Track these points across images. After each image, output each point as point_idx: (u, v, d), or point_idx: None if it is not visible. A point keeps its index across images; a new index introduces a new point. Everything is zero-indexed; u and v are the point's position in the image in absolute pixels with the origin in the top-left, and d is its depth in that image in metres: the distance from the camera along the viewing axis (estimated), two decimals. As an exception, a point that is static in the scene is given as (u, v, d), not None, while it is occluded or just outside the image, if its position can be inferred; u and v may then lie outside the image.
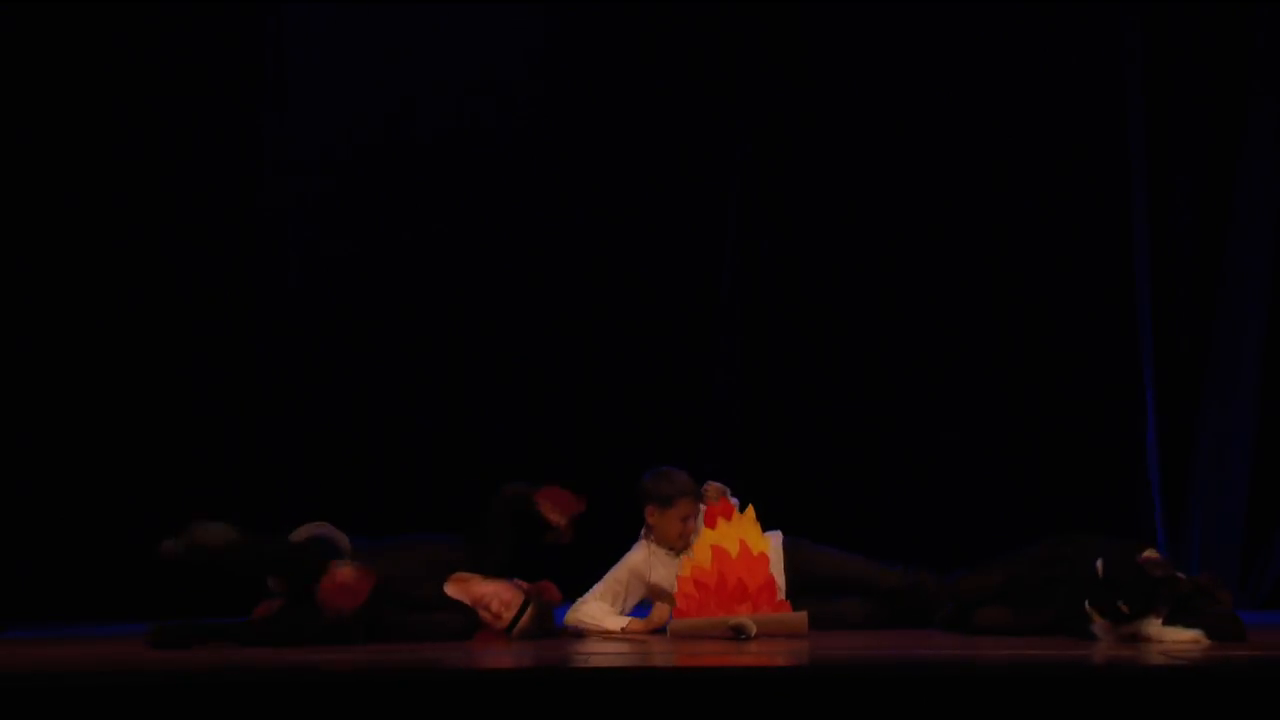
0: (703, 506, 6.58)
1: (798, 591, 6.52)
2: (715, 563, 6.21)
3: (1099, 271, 8.64)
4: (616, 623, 6.46)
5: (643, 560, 6.64)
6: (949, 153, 8.82)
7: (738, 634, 5.97)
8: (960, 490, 8.68)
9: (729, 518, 6.34)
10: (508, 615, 6.07)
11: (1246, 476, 7.91)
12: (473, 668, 4.99)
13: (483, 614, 6.09)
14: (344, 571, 5.84)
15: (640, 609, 6.72)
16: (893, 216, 8.88)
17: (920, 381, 8.78)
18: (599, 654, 5.60)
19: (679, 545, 6.55)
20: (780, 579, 6.48)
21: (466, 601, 6.14)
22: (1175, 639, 5.49)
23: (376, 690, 4.42)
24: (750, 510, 6.46)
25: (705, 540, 6.32)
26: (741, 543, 6.24)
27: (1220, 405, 8.05)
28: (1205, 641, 5.48)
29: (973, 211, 8.81)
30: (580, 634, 6.36)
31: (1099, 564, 5.69)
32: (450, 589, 6.18)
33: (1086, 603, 5.63)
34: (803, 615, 6.21)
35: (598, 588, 6.62)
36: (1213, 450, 8.05)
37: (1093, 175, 8.66)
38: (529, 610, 6.11)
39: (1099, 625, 5.62)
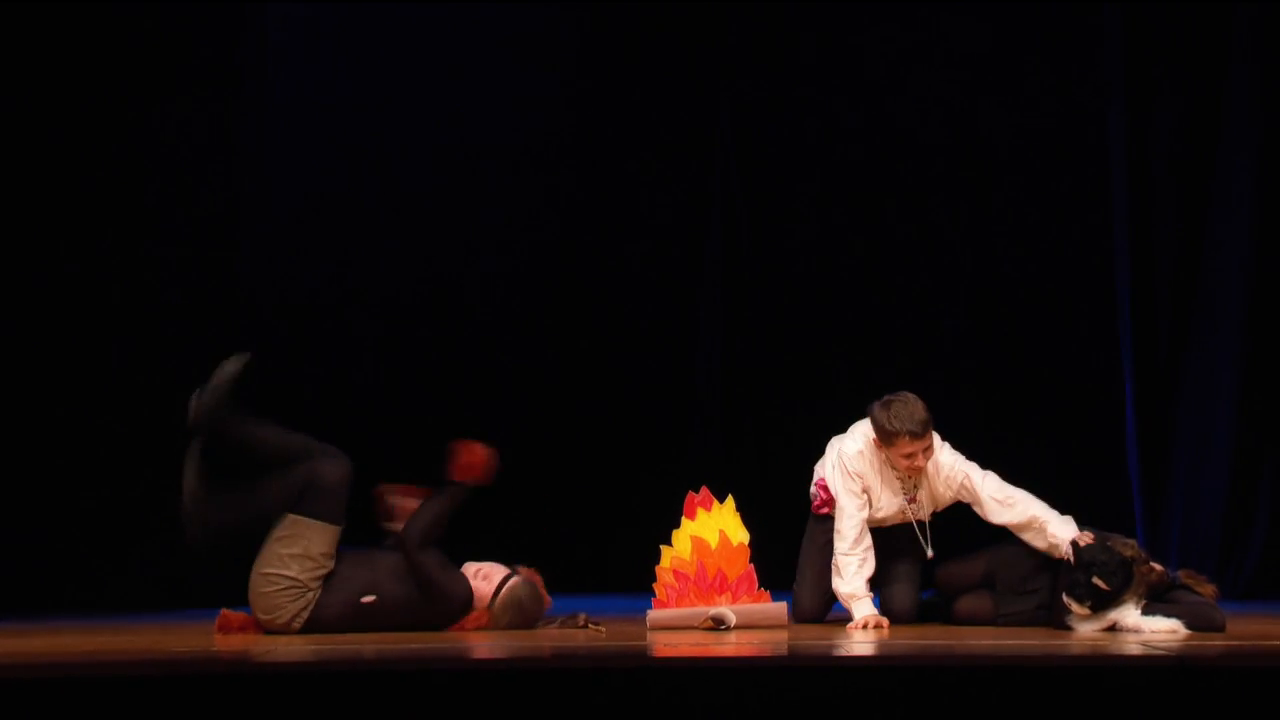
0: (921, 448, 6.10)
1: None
2: (695, 553, 6.21)
3: (1079, 266, 8.66)
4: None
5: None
6: (934, 143, 8.85)
7: (717, 624, 5.96)
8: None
9: (709, 508, 6.33)
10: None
11: (1225, 469, 7.93)
12: (465, 659, 4.97)
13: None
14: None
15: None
16: (875, 207, 8.90)
17: (901, 371, 8.77)
18: (573, 646, 5.58)
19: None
20: None
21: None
22: (1154, 629, 5.51)
23: (379, 684, 4.41)
24: (730, 501, 6.44)
25: (685, 531, 6.31)
26: (721, 533, 6.23)
27: (1198, 399, 8.07)
28: (1184, 631, 5.51)
29: (956, 203, 8.84)
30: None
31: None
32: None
33: (1064, 595, 5.65)
34: (782, 606, 6.21)
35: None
36: (1192, 443, 8.07)
37: (1074, 165, 8.70)
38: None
39: (1077, 615, 5.64)
